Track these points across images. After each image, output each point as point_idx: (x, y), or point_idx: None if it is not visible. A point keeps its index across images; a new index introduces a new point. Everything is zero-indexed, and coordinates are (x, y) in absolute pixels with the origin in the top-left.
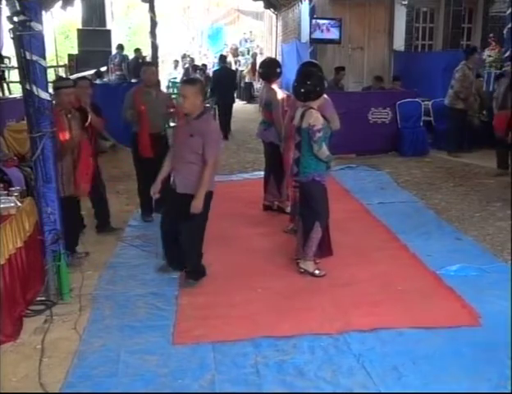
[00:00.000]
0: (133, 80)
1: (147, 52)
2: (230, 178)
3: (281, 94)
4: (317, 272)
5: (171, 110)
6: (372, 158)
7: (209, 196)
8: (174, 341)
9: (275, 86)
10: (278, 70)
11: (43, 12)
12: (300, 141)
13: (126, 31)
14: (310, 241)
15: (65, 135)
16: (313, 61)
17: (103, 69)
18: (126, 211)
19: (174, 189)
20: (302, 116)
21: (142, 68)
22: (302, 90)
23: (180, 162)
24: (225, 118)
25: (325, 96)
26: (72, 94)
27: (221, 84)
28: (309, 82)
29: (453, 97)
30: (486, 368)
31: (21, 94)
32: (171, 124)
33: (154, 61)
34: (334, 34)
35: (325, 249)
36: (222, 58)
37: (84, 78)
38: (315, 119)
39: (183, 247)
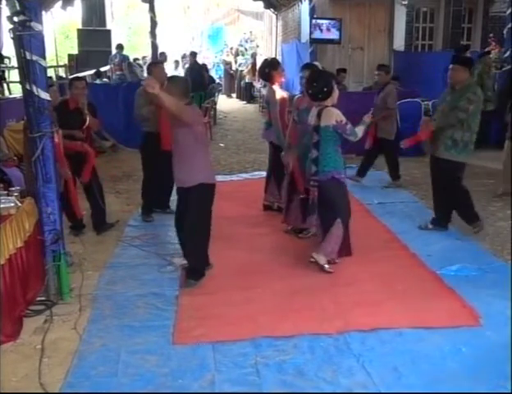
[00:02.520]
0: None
1: (147, 53)
2: (231, 178)
3: (280, 94)
4: (326, 266)
5: None
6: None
7: (208, 189)
8: (174, 341)
9: (275, 86)
10: (266, 70)
11: (43, 12)
12: (319, 140)
13: (126, 31)
14: (330, 237)
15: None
16: (313, 63)
17: (105, 69)
18: (126, 211)
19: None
20: (319, 115)
21: (150, 67)
22: (310, 92)
23: (175, 159)
24: None
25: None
26: (54, 93)
27: (193, 79)
28: (315, 84)
29: None
30: (486, 368)
31: (21, 94)
32: None
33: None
34: (334, 34)
35: (344, 248)
36: (193, 55)
37: (79, 78)
38: (338, 115)
39: (185, 243)
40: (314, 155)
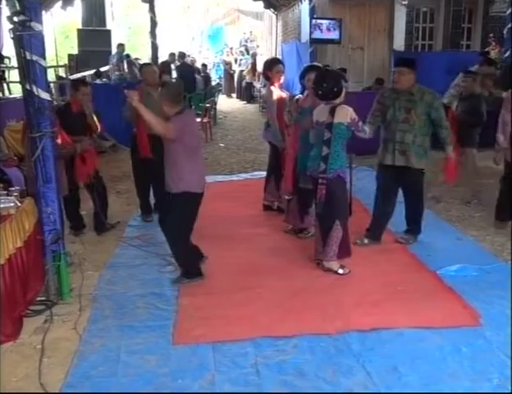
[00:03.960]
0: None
1: (147, 53)
2: (231, 178)
3: (278, 94)
4: (341, 271)
5: None
6: (372, 158)
7: (192, 198)
8: (174, 341)
9: (273, 86)
10: (262, 70)
11: (43, 12)
12: (330, 137)
13: (126, 31)
14: (331, 240)
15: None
16: (316, 63)
17: (105, 69)
18: (126, 211)
19: None
20: (332, 112)
21: (142, 68)
22: (320, 93)
23: (165, 164)
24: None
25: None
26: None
27: (183, 78)
28: (325, 84)
29: (451, 98)
30: (486, 368)
31: (21, 94)
32: None
33: (154, 62)
34: (334, 34)
35: (344, 249)
36: (182, 55)
37: (85, 83)
38: (351, 112)
39: (170, 247)
40: (325, 153)
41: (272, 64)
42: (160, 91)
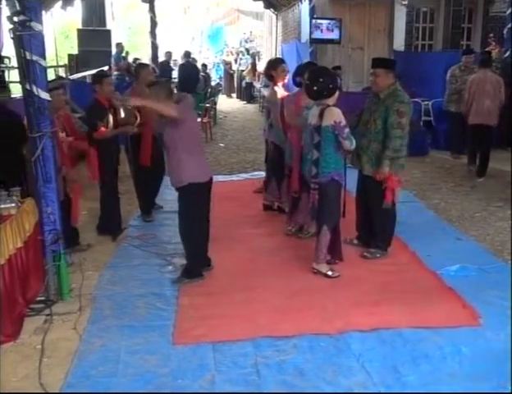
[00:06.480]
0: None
1: (147, 53)
2: (231, 178)
3: (281, 94)
4: (330, 273)
5: None
6: None
7: (198, 188)
8: (174, 341)
9: (277, 86)
10: (266, 70)
11: (43, 12)
12: (320, 141)
13: (126, 31)
14: (319, 244)
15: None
16: (312, 61)
17: (105, 68)
18: (127, 211)
19: None
20: (321, 114)
21: (138, 69)
22: (315, 88)
23: (166, 159)
24: None
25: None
26: (62, 95)
27: (187, 77)
28: (322, 80)
29: (446, 99)
30: (486, 368)
31: (21, 94)
32: None
33: (154, 62)
34: (334, 34)
35: (335, 253)
36: (186, 54)
37: (106, 74)
38: (338, 115)
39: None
40: (315, 156)
41: (276, 64)
42: (150, 91)
